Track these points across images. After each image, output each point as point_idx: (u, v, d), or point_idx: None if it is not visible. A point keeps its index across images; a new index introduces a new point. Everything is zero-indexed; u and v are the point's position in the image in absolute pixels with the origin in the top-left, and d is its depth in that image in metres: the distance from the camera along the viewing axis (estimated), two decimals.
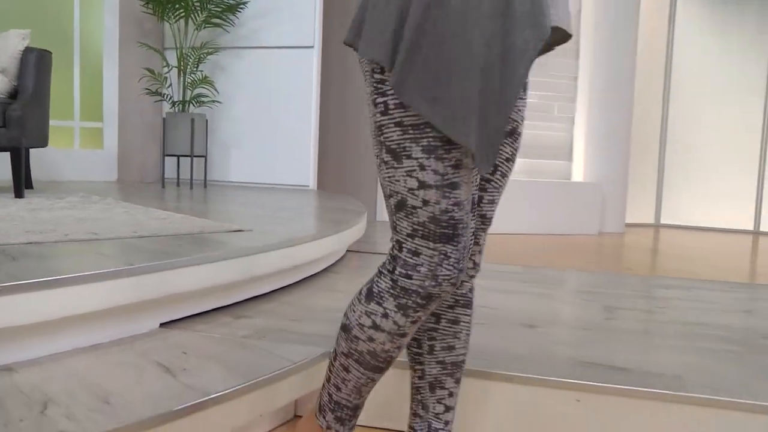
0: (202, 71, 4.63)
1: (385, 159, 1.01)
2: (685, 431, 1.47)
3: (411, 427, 1.29)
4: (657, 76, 7.28)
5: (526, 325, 2.04)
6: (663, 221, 7.42)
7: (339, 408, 1.18)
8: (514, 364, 1.63)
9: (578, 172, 6.62)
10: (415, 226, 1.00)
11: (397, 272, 1.03)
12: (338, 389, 1.16)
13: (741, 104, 7.13)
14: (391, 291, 1.03)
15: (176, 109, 4.55)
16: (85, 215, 2.63)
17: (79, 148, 4.84)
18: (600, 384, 1.52)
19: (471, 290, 1.25)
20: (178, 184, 4.77)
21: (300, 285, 2.46)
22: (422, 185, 0.98)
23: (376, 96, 1.01)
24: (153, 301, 1.72)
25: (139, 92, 4.87)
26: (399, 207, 1.01)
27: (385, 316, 1.05)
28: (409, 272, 1.01)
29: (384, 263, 1.08)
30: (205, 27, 4.58)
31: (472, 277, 1.23)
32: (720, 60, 7.15)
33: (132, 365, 1.49)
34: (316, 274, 2.69)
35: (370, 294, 1.07)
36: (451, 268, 1.00)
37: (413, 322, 1.05)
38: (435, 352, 1.24)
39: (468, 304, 1.24)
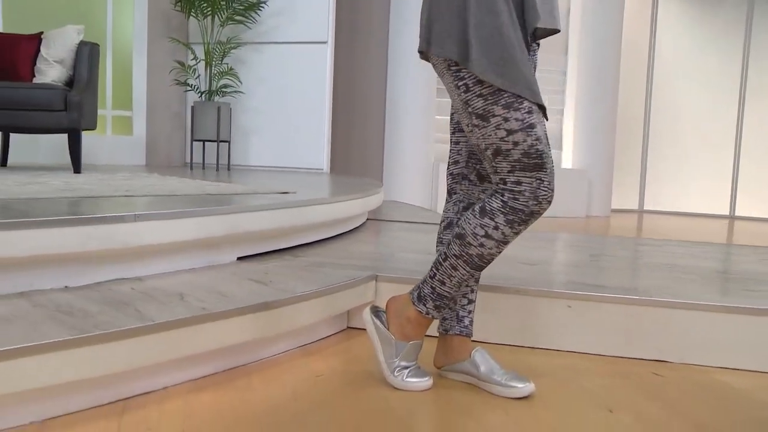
0: (227, 64, 5.07)
1: (475, 123, 1.42)
2: (654, 326, 1.94)
3: (443, 319, 1.72)
4: (640, 70, 7.78)
5: (526, 263, 2.50)
6: (646, 207, 7.92)
7: (440, 298, 1.56)
8: (518, 282, 2.09)
9: (567, 159, 7.12)
10: (513, 163, 1.38)
11: (506, 197, 1.40)
12: (443, 284, 1.54)
13: (718, 96, 7.64)
14: (502, 209, 1.41)
15: (203, 98, 4.99)
16: (148, 183, 3.06)
17: (111, 134, 5.26)
18: (586, 293, 1.98)
19: None
20: (203, 167, 5.21)
21: (335, 239, 2.91)
22: (509, 132, 1.37)
23: (457, 81, 1.43)
24: (234, 235, 2.17)
25: (169, 83, 5.30)
26: (496, 153, 1.41)
27: (496, 228, 1.43)
28: (516, 196, 1.39)
29: (493, 191, 1.44)
30: (228, 24, 5.02)
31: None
32: (699, 54, 7.66)
33: (230, 279, 1.94)
34: (346, 232, 3.14)
35: (483, 211, 1.44)
36: (546, 189, 1.40)
37: (516, 233, 1.45)
38: None
39: None
